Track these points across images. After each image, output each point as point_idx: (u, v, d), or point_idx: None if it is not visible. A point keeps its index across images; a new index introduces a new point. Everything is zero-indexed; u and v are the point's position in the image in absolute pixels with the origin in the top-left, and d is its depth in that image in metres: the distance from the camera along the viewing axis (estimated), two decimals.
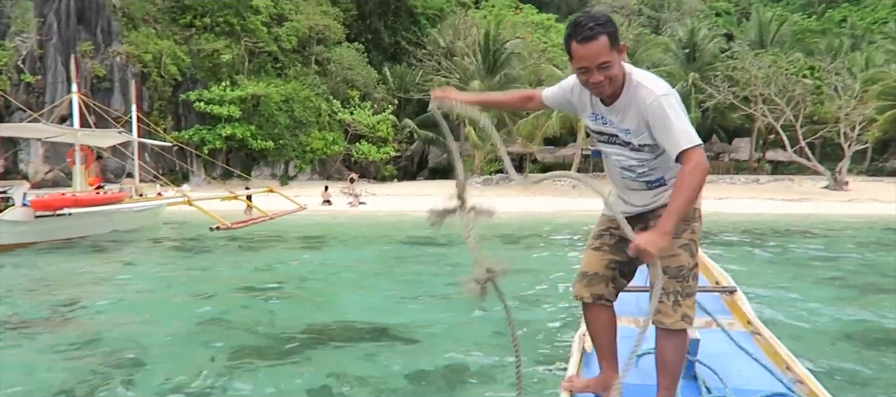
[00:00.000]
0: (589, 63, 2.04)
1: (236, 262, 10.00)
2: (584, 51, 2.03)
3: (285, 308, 6.80)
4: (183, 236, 13.83)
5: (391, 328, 5.73)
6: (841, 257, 11.09)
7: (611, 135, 2.24)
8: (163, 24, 30.70)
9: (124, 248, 11.89)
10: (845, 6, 54.45)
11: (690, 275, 2.19)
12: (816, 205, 24.95)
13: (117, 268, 9.54)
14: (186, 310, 6.68)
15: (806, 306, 6.62)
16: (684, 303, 2.17)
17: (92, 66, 27.70)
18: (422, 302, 6.85)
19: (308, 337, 5.51)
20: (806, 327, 5.74)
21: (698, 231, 2.25)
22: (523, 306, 6.53)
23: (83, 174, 13.88)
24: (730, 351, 2.81)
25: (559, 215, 19.99)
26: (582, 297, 2.41)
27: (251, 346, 5.26)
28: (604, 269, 2.37)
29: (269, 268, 9.39)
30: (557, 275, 8.29)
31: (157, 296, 7.63)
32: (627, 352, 2.05)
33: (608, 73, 2.05)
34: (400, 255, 10.86)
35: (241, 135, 29.50)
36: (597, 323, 2.43)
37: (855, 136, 30.07)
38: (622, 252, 2.26)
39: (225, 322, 6.18)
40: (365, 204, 23.82)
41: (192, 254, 11.27)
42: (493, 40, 35.40)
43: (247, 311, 6.55)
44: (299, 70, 33.71)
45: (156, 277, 9.03)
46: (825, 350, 5.01)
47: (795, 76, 29.84)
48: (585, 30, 2.01)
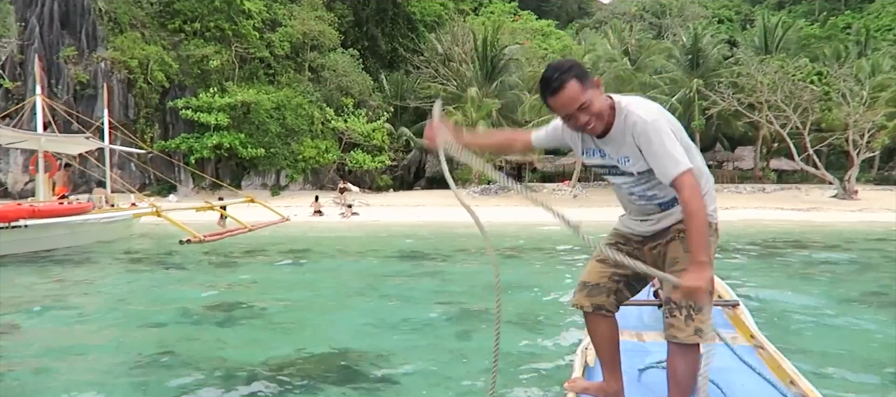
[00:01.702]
0: (568, 110, 2.07)
1: (203, 281, 8.95)
2: (557, 102, 2.07)
3: (245, 336, 5.75)
4: (153, 250, 12.79)
5: (364, 365, 4.69)
6: (860, 268, 10.47)
7: (611, 166, 2.24)
8: (151, 29, 29.78)
9: (85, 264, 10.85)
10: (848, 13, 53.84)
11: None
12: (827, 214, 24.10)
13: (65, 288, 8.48)
14: (126, 341, 5.64)
15: (820, 319, 6.26)
16: (697, 318, 2.13)
17: (75, 71, 26.75)
18: (404, 330, 5.81)
19: (263, 375, 4.48)
20: (817, 341, 5.40)
21: (713, 246, 2.19)
22: (525, 318, 6.01)
23: (47, 183, 12.85)
24: (733, 366, 2.77)
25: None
26: (581, 306, 2.41)
27: (192, 389, 4.21)
28: (606, 281, 2.36)
29: (239, 288, 8.35)
30: (564, 285, 7.30)
31: (98, 323, 6.58)
32: (630, 367, 2.24)
33: (590, 112, 2.07)
34: (388, 272, 9.82)
35: (229, 143, 28.52)
36: (597, 332, 2.43)
37: (864, 144, 29.13)
38: (627, 268, 2.23)
39: (170, 354, 5.14)
40: (358, 214, 22.81)
41: (157, 270, 10.22)
42: (491, 46, 34.54)
43: (197, 344, 5.49)
44: (292, 77, 32.78)
45: (107, 298, 7.98)
46: (835, 364, 4.65)
47: (803, 82, 28.95)
48: (552, 83, 2.05)
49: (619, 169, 2.20)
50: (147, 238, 15.41)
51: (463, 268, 10.00)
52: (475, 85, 32.68)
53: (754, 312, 3.71)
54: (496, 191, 30.68)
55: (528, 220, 19.55)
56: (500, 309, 2.22)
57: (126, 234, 15.42)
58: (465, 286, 8.24)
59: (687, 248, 2.09)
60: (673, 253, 2.22)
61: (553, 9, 58.93)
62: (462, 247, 12.72)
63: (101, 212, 13.40)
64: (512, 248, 12.76)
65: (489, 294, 7.78)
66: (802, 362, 3.43)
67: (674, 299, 2.13)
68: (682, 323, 2.13)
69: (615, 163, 2.20)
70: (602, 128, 2.12)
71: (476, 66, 34.54)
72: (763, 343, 3.03)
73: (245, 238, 13.42)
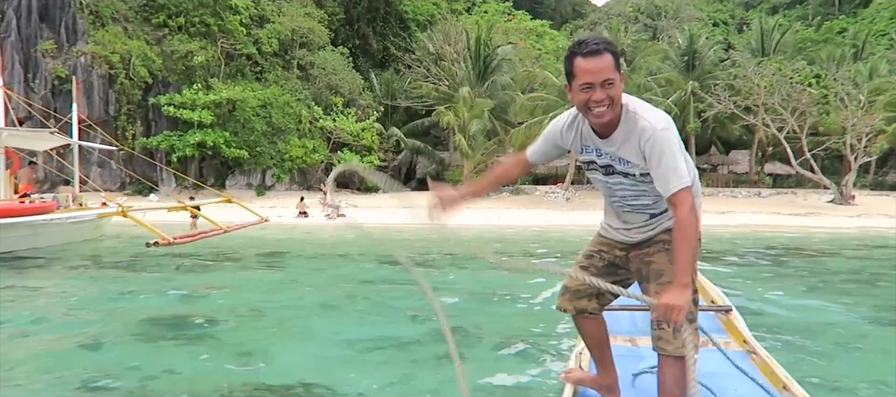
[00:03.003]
0: (593, 78, 1.99)
1: (163, 289, 8.19)
2: (589, 65, 1.99)
3: (191, 363, 4.99)
4: (123, 252, 12.00)
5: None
6: (856, 275, 10.23)
7: (606, 165, 2.18)
8: (134, 24, 28.86)
9: (45, 267, 10.06)
10: (842, 18, 53.66)
11: (690, 302, 2.04)
12: (825, 219, 23.64)
13: (13, 294, 7.70)
14: (56, 360, 4.91)
15: (814, 325, 6.20)
16: (684, 330, 2.07)
17: (53, 65, 25.81)
18: (378, 357, 5.07)
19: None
20: (811, 346, 5.31)
21: (697, 256, 2.15)
22: (525, 320, 5.93)
23: (9, 181, 12.02)
24: (726, 371, 2.77)
25: (550, 229, 18.27)
26: (565, 310, 2.41)
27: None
28: (587, 287, 2.30)
29: (200, 298, 7.59)
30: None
31: (33, 336, 5.82)
32: (624, 372, 2.47)
33: (611, 92, 2.00)
34: (368, 278, 9.08)
35: (212, 142, 27.62)
36: (585, 333, 2.45)
37: (862, 148, 28.68)
38: (610, 274, 2.30)
39: (99, 379, 4.40)
40: (345, 216, 22.02)
41: (119, 275, 9.45)
42: (483, 46, 33.87)
43: (133, 372, 4.73)
44: (280, 74, 31.93)
45: (54, 307, 7.21)
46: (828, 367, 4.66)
47: (801, 85, 28.45)
48: (591, 45, 2.00)
49: (615, 169, 2.15)
50: (119, 239, 14.60)
51: (451, 275, 9.29)
52: (467, 84, 31.97)
53: (748, 317, 3.65)
54: (487, 194, 29.96)
55: (524, 222, 18.90)
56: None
57: (96, 235, 14.61)
58: (453, 296, 7.52)
59: (670, 258, 2.10)
60: (659, 264, 2.18)
61: (547, 11, 58.44)
62: (450, 251, 12.02)
63: (66, 211, 12.57)
64: (504, 252, 12.07)
65: (478, 305, 7.07)
66: (795, 367, 3.37)
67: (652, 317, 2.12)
68: (670, 335, 2.11)
69: (611, 162, 2.14)
70: (610, 118, 2.03)
71: (468, 66, 33.86)
72: (756, 348, 3.01)
73: (220, 240, 12.65)
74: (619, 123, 2.05)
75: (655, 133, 1.98)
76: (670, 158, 1.97)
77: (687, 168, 2.02)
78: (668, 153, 1.97)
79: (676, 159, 1.98)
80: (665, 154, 1.97)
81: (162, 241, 7.90)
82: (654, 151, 1.99)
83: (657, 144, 1.98)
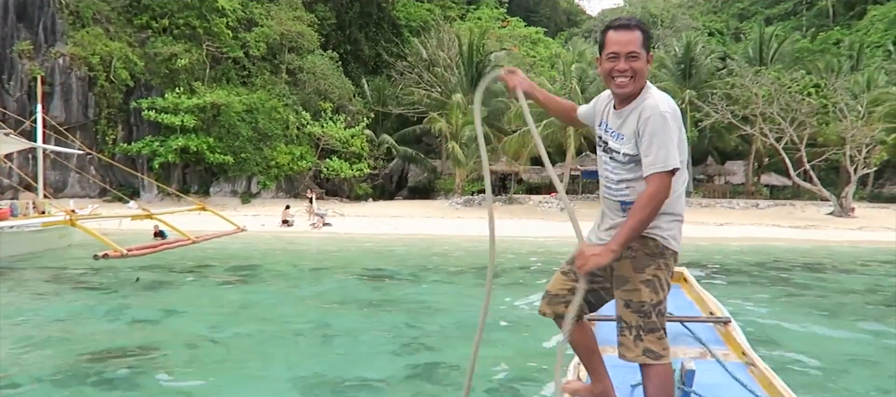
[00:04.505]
0: (620, 49, 2.11)
1: (115, 309, 7.30)
2: (618, 36, 2.12)
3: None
4: (83, 264, 11.07)
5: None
6: (857, 288, 10.02)
7: (605, 144, 2.26)
8: (116, 25, 27.91)
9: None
10: (837, 29, 53.41)
11: (654, 312, 2.13)
12: (826, 232, 22.99)
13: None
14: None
15: (813, 338, 6.19)
16: (646, 338, 2.12)
17: (30, 67, 24.83)
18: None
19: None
20: (810, 359, 5.21)
21: (667, 269, 2.18)
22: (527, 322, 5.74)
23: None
24: (724, 383, 2.72)
25: (546, 241, 17.45)
26: (546, 314, 2.44)
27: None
28: (566, 293, 2.35)
29: (152, 322, 6.72)
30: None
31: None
32: (622, 383, 2.50)
33: (634, 65, 2.10)
34: (345, 298, 8.21)
35: (196, 147, 26.66)
36: (570, 339, 2.37)
37: (862, 159, 28.08)
38: (588, 282, 2.26)
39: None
40: (330, 225, 21.14)
41: (69, 292, 8.55)
42: (476, 51, 33.15)
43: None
44: (268, 79, 31.04)
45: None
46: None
47: (800, 94, 27.86)
48: (623, 20, 2.17)
49: (609, 146, 2.22)
50: (87, 248, 13.65)
51: (437, 296, 8.44)
52: (460, 91, 31.20)
53: (748, 329, 3.61)
54: (480, 203, 29.17)
55: (518, 233, 18.09)
56: None
57: (62, 244, 13.66)
58: (437, 322, 6.67)
59: (634, 266, 2.15)
60: (624, 271, 2.18)
61: (542, 19, 57.91)
62: (438, 266, 11.19)
63: (25, 218, 11.64)
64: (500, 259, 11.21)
65: (465, 334, 6.20)
66: (795, 380, 3.31)
67: (623, 318, 2.16)
68: (631, 342, 2.14)
69: (609, 138, 2.22)
70: (630, 91, 2.13)
71: (461, 72, 33.12)
72: (755, 360, 2.98)
73: (190, 251, 11.75)
74: (635, 100, 2.13)
75: (656, 112, 2.04)
76: (661, 139, 2.02)
77: (679, 161, 2.05)
78: (660, 134, 2.02)
79: (667, 144, 2.02)
80: (657, 135, 2.02)
81: (112, 253, 7.00)
82: (649, 129, 2.04)
83: (654, 123, 2.04)
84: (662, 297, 2.15)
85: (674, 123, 2.06)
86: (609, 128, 2.21)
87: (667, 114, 2.03)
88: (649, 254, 2.13)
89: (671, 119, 2.05)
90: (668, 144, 2.01)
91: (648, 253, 2.12)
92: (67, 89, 25.66)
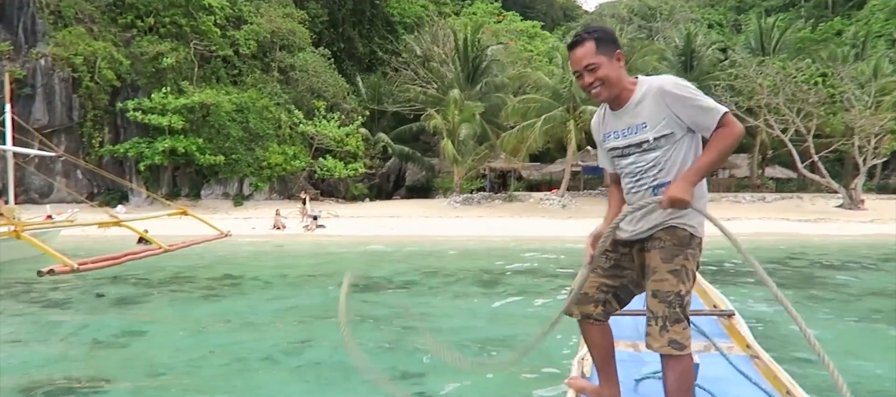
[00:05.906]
0: (577, 66, 2.18)
1: (74, 329, 6.49)
2: (573, 55, 2.19)
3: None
4: (32, 278, 10.21)
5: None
6: (867, 281, 9.77)
7: (624, 146, 2.23)
8: (100, 24, 27.00)
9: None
10: (838, 19, 52.69)
11: (679, 302, 2.13)
12: (837, 225, 22.27)
13: None
14: None
15: (819, 330, 5.35)
16: (672, 329, 2.11)
17: (9, 68, 23.90)
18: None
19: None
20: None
21: (694, 259, 2.18)
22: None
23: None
24: (729, 376, 2.73)
25: (550, 240, 16.62)
26: (571, 314, 2.42)
27: None
28: (595, 291, 2.35)
29: (110, 345, 5.89)
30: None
31: None
32: (626, 377, 2.45)
33: (596, 75, 2.14)
34: (330, 313, 7.36)
35: (184, 148, 25.78)
36: (589, 339, 2.44)
37: (871, 149, 27.31)
38: (616, 277, 2.33)
39: None
40: (324, 227, 20.31)
41: (26, 309, 7.74)
42: (472, 47, 32.31)
43: None
44: (258, 77, 30.15)
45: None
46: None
47: (806, 84, 27.04)
48: (575, 37, 2.21)
49: (630, 144, 2.20)
50: (37, 262, 12.80)
51: (433, 307, 7.61)
52: (457, 87, 30.36)
53: (752, 322, 3.53)
54: (479, 201, 28.35)
55: (518, 233, 17.30)
56: None
57: (36, 253, 12.80)
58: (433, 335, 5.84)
59: (663, 256, 2.14)
60: (653, 262, 2.17)
61: (538, 14, 57.11)
62: (436, 268, 10.36)
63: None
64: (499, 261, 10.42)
65: (466, 354, 5.39)
66: (799, 373, 3.19)
67: (650, 308, 2.15)
68: (657, 333, 2.12)
69: (627, 137, 2.21)
70: (607, 96, 2.18)
71: (457, 68, 32.27)
72: (759, 353, 2.94)
73: (168, 260, 10.90)
74: (631, 97, 2.17)
75: (676, 83, 2.10)
76: (693, 96, 2.06)
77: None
78: (696, 93, 2.08)
79: (702, 96, 2.07)
80: (696, 93, 2.07)
81: (60, 269, 6.14)
82: (684, 94, 2.07)
83: (677, 88, 2.08)
84: (689, 287, 2.15)
85: (684, 83, 2.11)
86: (617, 133, 2.23)
87: (678, 80, 2.11)
88: (678, 244, 2.14)
89: (680, 81, 2.12)
90: (702, 96, 2.06)
91: (677, 243, 2.14)
92: (50, 91, 24.78)
